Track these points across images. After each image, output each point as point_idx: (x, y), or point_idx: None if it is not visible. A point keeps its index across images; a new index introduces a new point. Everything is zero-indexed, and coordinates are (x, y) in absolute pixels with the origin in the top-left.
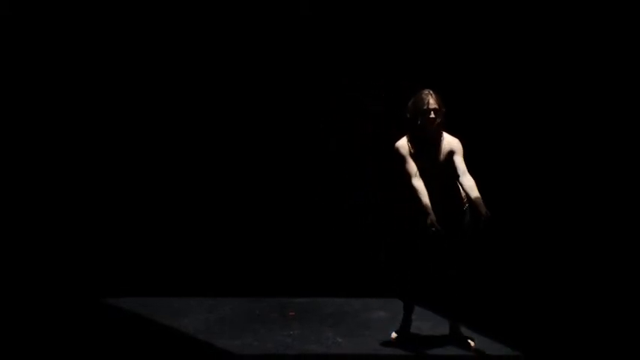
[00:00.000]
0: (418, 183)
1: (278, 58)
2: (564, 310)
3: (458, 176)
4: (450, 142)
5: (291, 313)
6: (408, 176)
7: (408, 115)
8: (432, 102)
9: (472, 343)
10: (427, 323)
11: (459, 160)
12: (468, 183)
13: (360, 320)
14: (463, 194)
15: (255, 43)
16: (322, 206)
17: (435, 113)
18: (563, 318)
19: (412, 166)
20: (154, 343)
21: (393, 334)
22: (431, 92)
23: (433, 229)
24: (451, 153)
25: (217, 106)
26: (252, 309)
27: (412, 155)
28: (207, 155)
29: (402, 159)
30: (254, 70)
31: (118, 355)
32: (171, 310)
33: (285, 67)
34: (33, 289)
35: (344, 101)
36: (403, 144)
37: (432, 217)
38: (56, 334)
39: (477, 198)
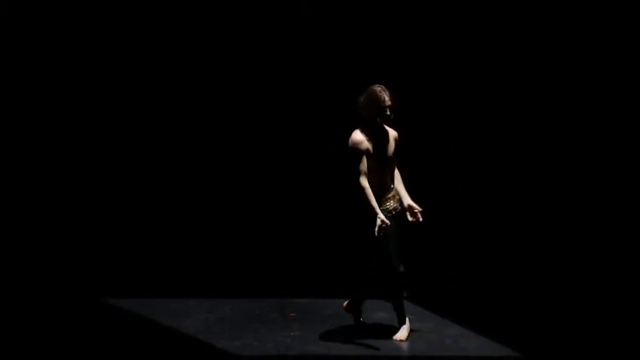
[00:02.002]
0: (365, 183)
1: (278, 58)
2: (564, 310)
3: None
4: (393, 134)
5: (291, 314)
6: (358, 174)
7: (365, 112)
8: (387, 98)
9: (404, 335)
10: (427, 324)
11: (396, 155)
12: (398, 176)
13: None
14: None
15: (254, 43)
16: (322, 207)
17: (389, 110)
18: (563, 318)
19: (364, 165)
20: (154, 343)
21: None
22: (384, 88)
23: (383, 226)
24: (396, 145)
25: (217, 107)
26: (252, 309)
27: (368, 151)
28: (207, 156)
29: (359, 156)
30: (253, 70)
31: (118, 355)
32: (171, 311)
33: (285, 67)
34: (33, 289)
35: (344, 101)
36: (362, 139)
37: (382, 216)
38: (56, 334)
39: (403, 191)
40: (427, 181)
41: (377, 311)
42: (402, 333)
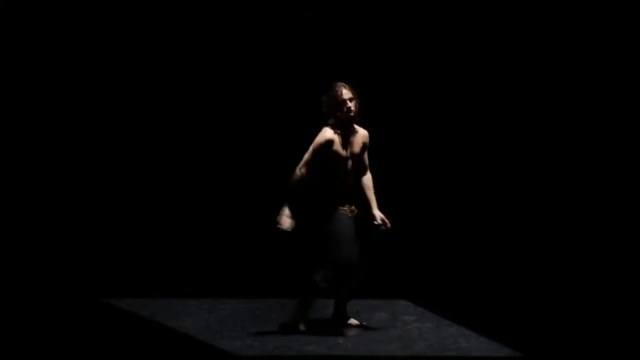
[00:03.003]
0: (302, 174)
1: (277, 59)
2: (565, 310)
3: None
4: (362, 134)
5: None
6: (302, 169)
7: (324, 109)
8: (346, 93)
9: (353, 322)
10: (427, 324)
11: (365, 154)
12: (368, 183)
13: (361, 321)
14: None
15: (254, 43)
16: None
17: (350, 104)
18: (564, 318)
19: (313, 165)
20: (154, 343)
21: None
22: (344, 84)
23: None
24: (364, 146)
25: (217, 107)
26: (252, 309)
27: (330, 150)
28: (207, 156)
29: (316, 153)
30: (253, 71)
31: (118, 355)
32: (171, 311)
33: (285, 67)
34: (33, 289)
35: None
36: (331, 137)
37: (287, 213)
38: (56, 334)
39: (372, 199)
40: (427, 181)
41: (377, 311)
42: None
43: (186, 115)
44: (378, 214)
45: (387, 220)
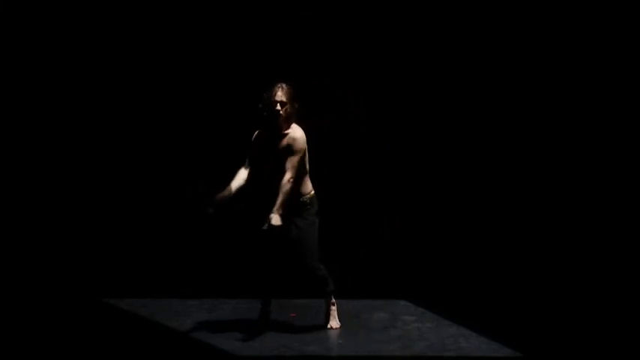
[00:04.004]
0: (240, 170)
1: (277, 58)
2: (565, 310)
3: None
4: (292, 136)
5: (292, 315)
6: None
7: (260, 106)
8: (279, 94)
9: (333, 325)
10: (427, 324)
11: (290, 157)
12: (282, 182)
13: (361, 321)
14: (307, 192)
15: (254, 43)
16: (322, 206)
17: (280, 105)
18: (564, 318)
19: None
20: (154, 343)
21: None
22: (282, 85)
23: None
24: (289, 147)
25: (216, 107)
26: (252, 309)
27: (254, 145)
28: (207, 156)
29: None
30: (253, 70)
31: (118, 355)
32: (171, 311)
33: (284, 67)
34: (33, 289)
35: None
36: (255, 134)
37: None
38: (56, 334)
39: (278, 202)
40: (427, 181)
41: (377, 311)
42: (334, 322)
43: (186, 116)
44: (272, 216)
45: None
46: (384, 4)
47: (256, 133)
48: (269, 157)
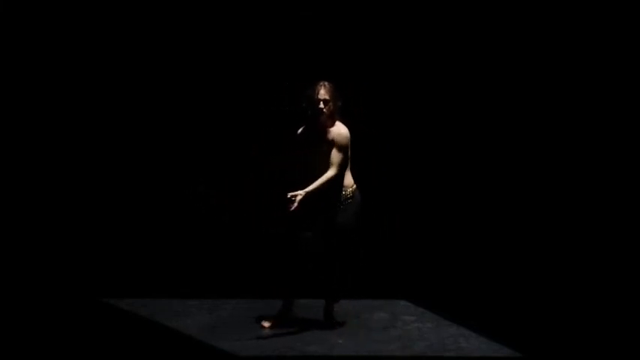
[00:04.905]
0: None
1: (277, 59)
2: (565, 310)
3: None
4: (337, 132)
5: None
6: None
7: (303, 104)
8: (322, 92)
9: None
10: (427, 324)
11: (333, 153)
12: (323, 174)
13: (361, 321)
14: (350, 186)
15: (254, 43)
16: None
17: (323, 104)
18: (564, 318)
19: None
20: (154, 343)
21: (266, 323)
22: (325, 84)
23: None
24: (334, 143)
25: (217, 106)
26: (252, 309)
27: (299, 143)
28: (207, 156)
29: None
30: (252, 71)
31: (118, 355)
32: (171, 311)
33: (285, 67)
34: (33, 289)
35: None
36: (299, 130)
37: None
38: (56, 334)
39: (313, 186)
40: (427, 181)
41: (378, 311)
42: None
43: (185, 116)
44: (300, 192)
45: (295, 199)
46: (384, 4)
47: (300, 130)
48: (314, 154)
